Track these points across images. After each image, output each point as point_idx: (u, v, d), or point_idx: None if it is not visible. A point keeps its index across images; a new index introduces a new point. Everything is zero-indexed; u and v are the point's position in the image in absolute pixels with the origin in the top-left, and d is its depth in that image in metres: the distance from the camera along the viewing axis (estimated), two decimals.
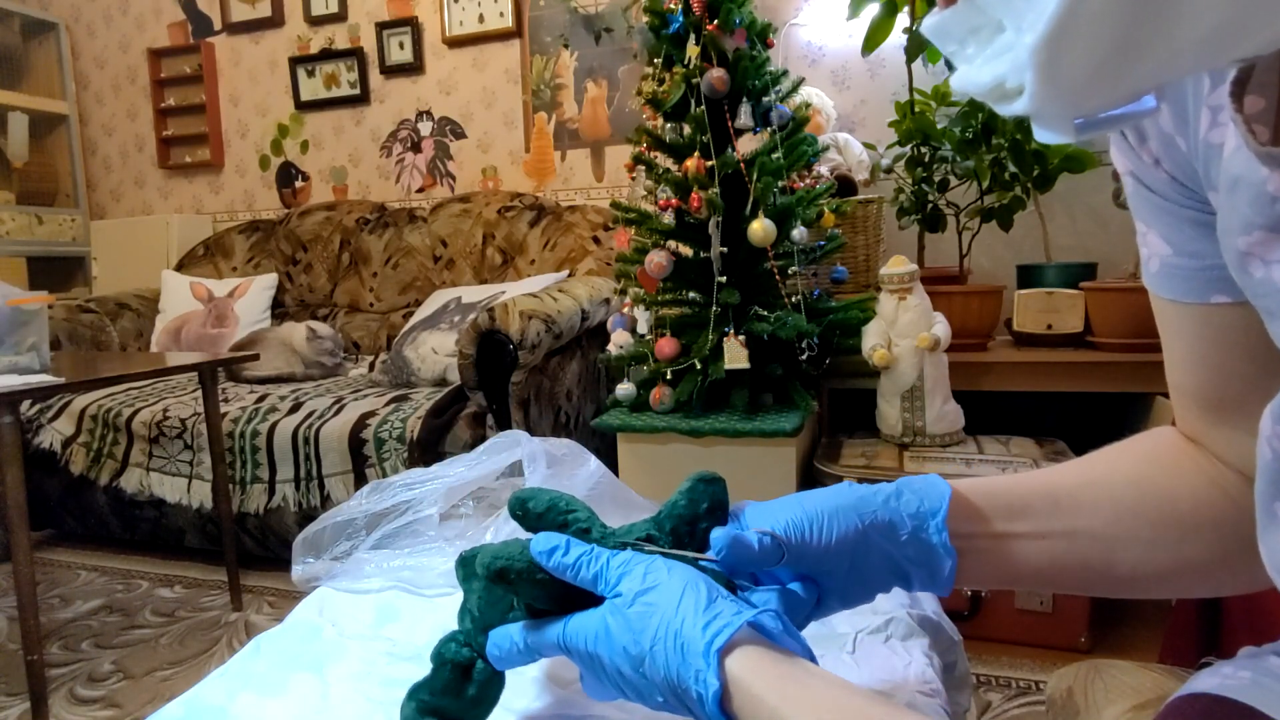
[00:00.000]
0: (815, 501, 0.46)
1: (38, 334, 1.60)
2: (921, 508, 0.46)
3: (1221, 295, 0.41)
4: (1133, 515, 0.47)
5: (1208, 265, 0.41)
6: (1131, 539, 0.46)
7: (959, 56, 0.28)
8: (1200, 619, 1.17)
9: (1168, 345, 0.47)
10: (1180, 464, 0.48)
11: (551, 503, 0.50)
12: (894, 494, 0.47)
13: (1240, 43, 0.24)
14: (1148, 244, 0.44)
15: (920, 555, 0.46)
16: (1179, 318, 0.45)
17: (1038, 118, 0.27)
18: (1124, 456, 0.50)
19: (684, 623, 0.40)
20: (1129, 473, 0.48)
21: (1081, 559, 0.47)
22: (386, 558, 0.76)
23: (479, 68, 2.96)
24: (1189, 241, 0.42)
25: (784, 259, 1.64)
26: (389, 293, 2.89)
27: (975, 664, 1.47)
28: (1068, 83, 0.25)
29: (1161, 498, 0.47)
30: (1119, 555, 0.47)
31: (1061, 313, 1.79)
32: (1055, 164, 1.74)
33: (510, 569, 0.46)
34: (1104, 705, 0.59)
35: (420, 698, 0.50)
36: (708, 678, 0.38)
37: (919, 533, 0.46)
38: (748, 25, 1.60)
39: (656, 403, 1.61)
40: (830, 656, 0.60)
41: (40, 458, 2.22)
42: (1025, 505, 0.48)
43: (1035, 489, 0.49)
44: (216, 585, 2.03)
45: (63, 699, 1.52)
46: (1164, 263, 0.43)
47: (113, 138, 3.59)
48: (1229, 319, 0.42)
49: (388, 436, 1.91)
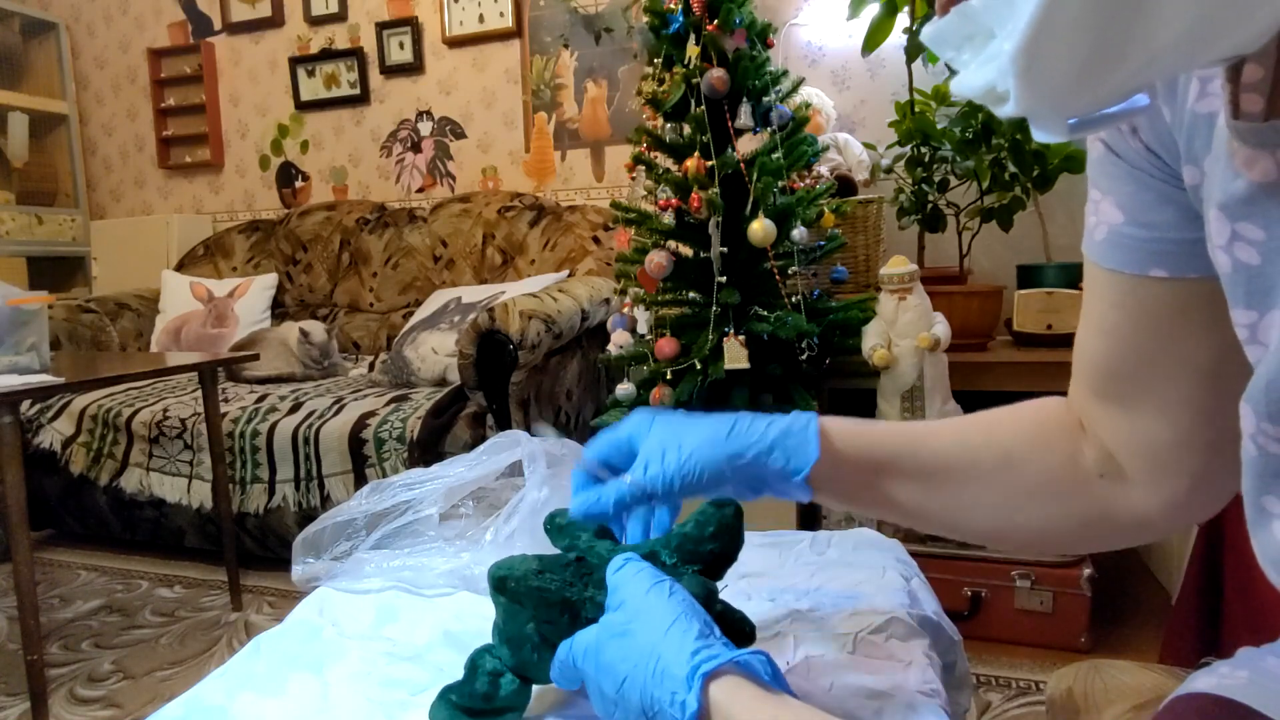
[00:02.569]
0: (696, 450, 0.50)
1: (38, 334, 1.60)
2: (787, 466, 0.50)
3: (1160, 269, 0.42)
4: (985, 484, 0.51)
5: (1156, 238, 0.42)
6: (979, 503, 0.52)
7: (956, 62, 0.29)
8: (1200, 619, 1.17)
9: (1085, 310, 0.49)
10: (1045, 438, 0.52)
11: (574, 518, 0.56)
12: (765, 450, 0.50)
13: (1218, 42, 0.25)
14: (1099, 212, 0.45)
15: (779, 491, 0.52)
16: (1111, 288, 0.46)
17: (1031, 118, 0.28)
18: (999, 426, 0.53)
19: (668, 650, 0.41)
20: (996, 446, 0.52)
21: (926, 513, 0.53)
22: (386, 558, 0.76)
23: (479, 68, 2.96)
24: (1146, 211, 0.42)
25: (784, 259, 1.63)
26: (389, 293, 2.89)
27: (975, 664, 1.47)
28: (1048, 87, 0.26)
29: (1016, 471, 0.51)
30: (964, 515, 0.52)
31: (1062, 313, 1.79)
32: (1055, 164, 1.74)
33: (509, 578, 0.50)
34: (1104, 705, 0.59)
35: (450, 699, 0.53)
36: (686, 699, 0.39)
37: (780, 481, 0.51)
38: (748, 25, 1.60)
39: (656, 403, 1.61)
40: (830, 656, 0.60)
41: (40, 458, 2.22)
42: (893, 460, 0.52)
43: (909, 443, 0.53)
44: (216, 585, 2.03)
45: (63, 699, 1.52)
46: (1112, 230, 0.44)
47: (113, 138, 3.59)
48: (1157, 293, 0.43)
49: (388, 436, 1.91)
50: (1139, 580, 1.82)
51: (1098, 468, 0.49)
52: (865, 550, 0.80)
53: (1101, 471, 0.49)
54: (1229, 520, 1.15)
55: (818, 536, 0.84)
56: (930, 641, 0.63)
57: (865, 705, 0.53)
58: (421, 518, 0.77)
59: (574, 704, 0.55)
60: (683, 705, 0.39)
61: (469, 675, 0.53)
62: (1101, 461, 0.49)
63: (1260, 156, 0.33)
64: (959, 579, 1.56)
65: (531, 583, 0.50)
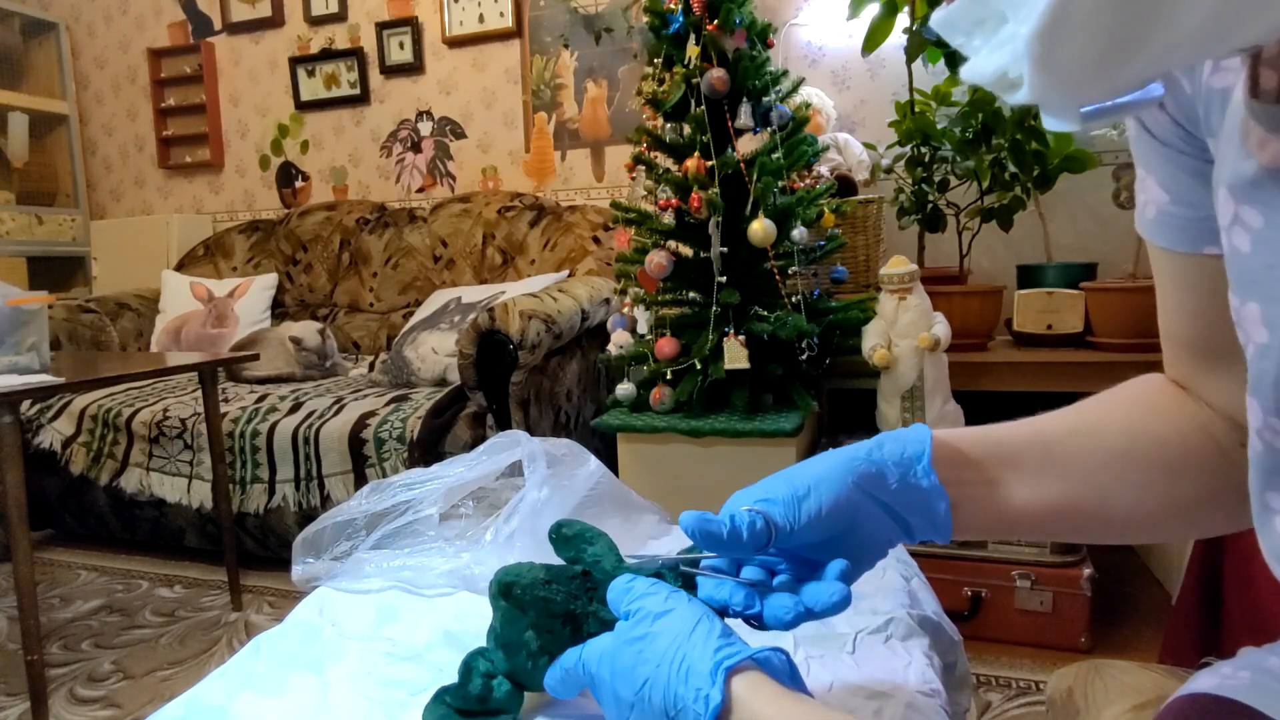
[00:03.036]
0: (800, 473, 0.46)
1: (38, 334, 1.60)
2: (905, 454, 0.47)
3: (1213, 247, 0.41)
4: (1123, 461, 0.47)
5: (1201, 216, 0.41)
6: (1123, 484, 0.47)
7: (967, 48, 0.28)
8: (1200, 619, 1.17)
9: (1161, 292, 0.47)
10: (1168, 409, 0.48)
11: (581, 531, 0.56)
12: (875, 446, 0.47)
13: (1238, 31, 0.24)
14: (1146, 189, 0.44)
15: (914, 501, 0.46)
16: (1172, 266, 0.45)
17: (1043, 106, 0.27)
18: (1113, 403, 0.51)
19: (694, 649, 0.41)
20: (1118, 420, 0.49)
21: (1075, 505, 0.48)
22: (386, 558, 0.76)
23: (479, 68, 2.96)
24: (1186, 191, 0.42)
25: (784, 259, 1.63)
26: (389, 293, 2.89)
27: (975, 664, 1.47)
28: (1064, 74, 0.25)
29: (1151, 442, 0.47)
30: (1112, 500, 0.47)
31: (1062, 313, 1.79)
32: (1055, 164, 1.74)
33: (516, 585, 0.50)
34: (1104, 705, 0.59)
35: (445, 700, 0.53)
36: (710, 693, 0.39)
37: (907, 478, 0.46)
38: (748, 25, 1.60)
39: (656, 403, 1.61)
40: (830, 656, 0.60)
41: (40, 458, 2.22)
42: (1016, 453, 0.48)
43: (1026, 437, 0.49)
44: (216, 585, 2.03)
45: (63, 699, 1.52)
46: (1160, 210, 0.43)
47: (113, 138, 3.59)
48: (1218, 269, 0.41)
49: (388, 436, 1.91)
50: (1139, 580, 1.82)
51: (1235, 436, 0.46)
52: None
53: (1241, 440, 0.45)
54: None
55: None
56: (930, 641, 0.63)
57: (865, 705, 0.53)
58: (421, 518, 0.77)
59: (566, 706, 0.55)
60: (706, 699, 0.39)
61: (463, 677, 0.53)
62: (1236, 430, 0.46)
63: (1272, 140, 0.32)
64: (959, 579, 1.56)
65: (538, 592, 0.50)
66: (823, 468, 0.46)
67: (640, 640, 0.43)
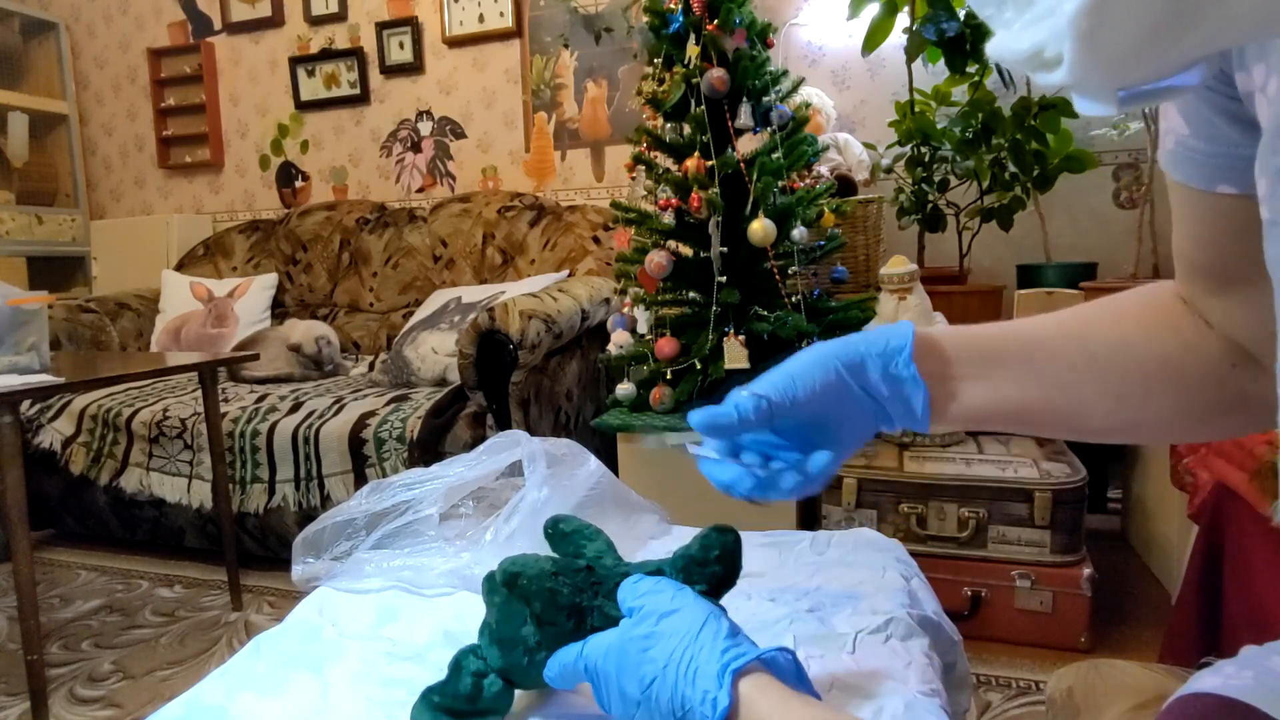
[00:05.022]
0: (790, 361, 0.51)
1: (38, 334, 1.60)
2: (889, 345, 0.49)
3: (1228, 185, 0.41)
4: (1103, 371, 0.49)
5: (1220, 153, 0.40)
6: (1100, 393, 0.49)
7: (996, 21, 0.26)
8: (1200, 619, 1.17)
9: (1177, 219, 0.47)
10: (1160, 326, 0.49)
11: (579, 527, 0.56)
12: (861, 338, 0.50)
13: None
14: (1168, 117, 0.43)
15: (893, 391, 0.49)
16: (1188, 198, 0.44)
17: (1078, 88, 0.26)
18: (1106, 314, 0.51)
19: (701, 650, 0.41)
20: (1107, 330, 0.50)
21: (1050, 405, 0.50)
22: (386, 558, 0.76)
23: (479, 68, 2.96)
24: (1206, 125, 0.41)
25: (784, 259, 1.63)
26: (389, 293, 2.89)
27: (975, 664, 1.47)
28: (1110, 53, 0.24)
29: (1132, 358, 0.48)
30: (1087, 406, 0.49)
31: None
32: (1055, 164, 1.74)
33: (522, 575, 0.50)
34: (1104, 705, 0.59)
35: (433, 699, 0.53)
36: (717, 696, 0.39)
37: (889, 368, 0.49)
38: (748, 25, 1.60)
39: (656, 403, 1.61)
40: (830, 656, 0.60)
41: (40, 458, 2.22)
42: (1001, 351, 0.50)
43: (1013, 337, 0.51)
44: (216, 585, 2.03)
45: (63, 699, 1.52)
46: (1179, 142, 0.43)
47: (113, 138, 3.59)
48: (1232, 207, 0.41)
49: (388, 436, 1.91)
50: (1139, 580, 1.82)
51: (1228, 358, 0.47)
52: (865, 550, 0.80)
53: (1234, 361, 0.47)
54: (1229, 520, 1.15)
55: (818, 536, 0.84)
56: (930, 641, 0.63)
57: (865, 705, 0.53)
58: (421, 518, 0.77)
59: (556, 705, 0.55)
60: (714, 702, 0.39)
61: (452, 675, 0.53)
62: (1231, 352, 0.47)
63: None
64: (959, 579, 1.56)
65: (545, 584, 0.50)
66: (811, 355, 0.50)
67: (647, 639, 0.44)
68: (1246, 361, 0.47)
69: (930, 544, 1.58)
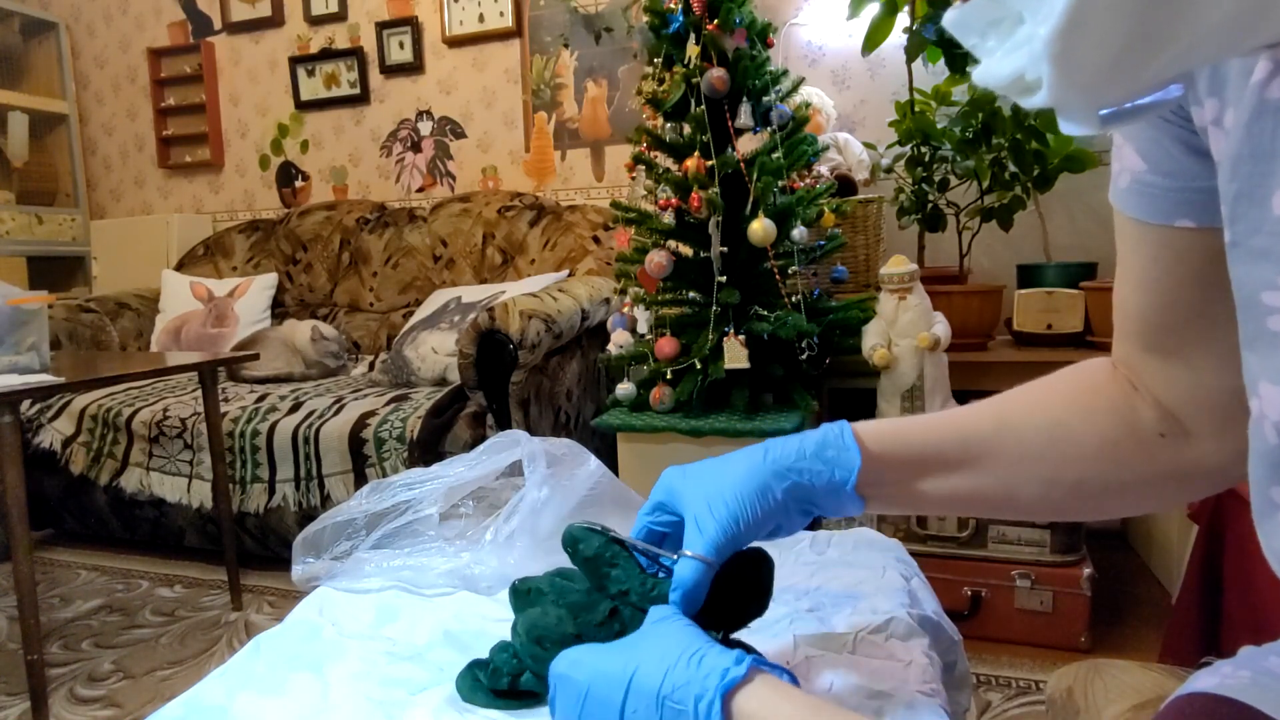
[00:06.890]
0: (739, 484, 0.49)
1: (38, 334, 1.60)
2: (834, 479, 0.50)
3: (1186, 219, 0.41)
4: (1036, 459, 0.49)
5: (1179, 187, 0.41)
6: (1032, 480, 0.50)
7: (980, 50, 0.28)
8: (1200, 619, 1.17)
9: (1122, 263, 0.47)
10: (1095, 403, 0.50)
11: (599, 552, 0.52)
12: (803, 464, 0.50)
13: (1266, 26, 0.23)
14: (1121, 158, 0.44)
15: (833, 507, 0.51)
16: (1139, 237, 0.44)
17: (1060, 110, 0.27)
18: (1042, 399, 0.52)
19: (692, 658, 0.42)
20: (1041, 419, 0.50)
21: (982, 495, 0.51)
22: (386, 557, 0.76)
23: (479, 67, 2.96)
24: (1166, 160, 0.41)
25: (784, 259, 1.63)
26: (389, 292, 2.89)
27: (975, 664, 1.47)
28: (1084, 75, 0.25)
29: (1069, 441, 0.49)
30: (1017, 492, 0.50)
31: (1062, 312, 1.79)
32: (1055, 164, 1.74)
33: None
34: (1104, 705, 0.59)
35: (476, 675, 0.55)
36: (730, 667, 0.40)
37: (831, 496, 0.50)
38: (748, 25, 1.60)
39: (656, 402, 1.61)
40: (830, 656, 0.60)
41: (40, 457, 2.22)
42: (938, 453, 0.51)
43: (950, 434, 0.52)
44: (216, 585, 2.03)
45: (63, 699, 1.52)
46: (1135, 179, 0.43)
47: (113, 137, 3.59)
48: (1189, 243, 0.41)
49: (388, 436, 1.91)
50: (1139, 580, 1.82)
51: (1158, 427, 0.47)
52: (865, 550, 0.80)
53: (1162, 430, 0.47)
54: (1229, 520, 1.15)
55: (818, 536, 0.84)
56: (930, 641, 0.63)
57: (865, 705, 0.53)
58: (421, 518, 0.77)
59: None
60: (725, 671, 0.40)
61: (491, 670, 0.54)
62: (1160, 420, 0.47)
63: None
64: (959, 579, 1.56)
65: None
66: (752, 485, 0.49)
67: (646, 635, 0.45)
68: (1175, 431, 0.47)
69: (930, 543, 1.58)
